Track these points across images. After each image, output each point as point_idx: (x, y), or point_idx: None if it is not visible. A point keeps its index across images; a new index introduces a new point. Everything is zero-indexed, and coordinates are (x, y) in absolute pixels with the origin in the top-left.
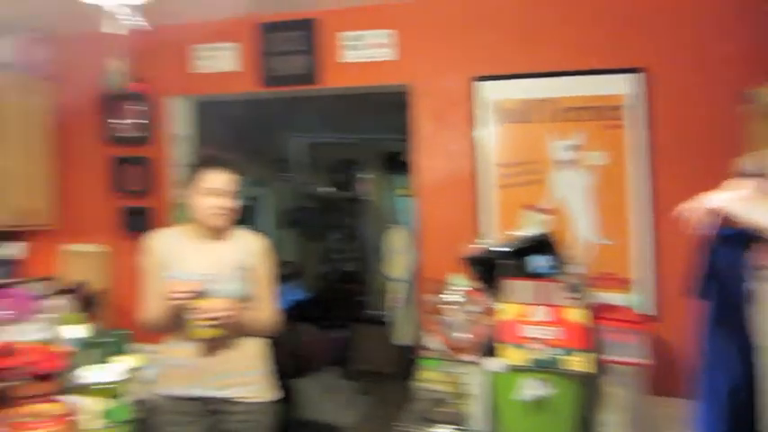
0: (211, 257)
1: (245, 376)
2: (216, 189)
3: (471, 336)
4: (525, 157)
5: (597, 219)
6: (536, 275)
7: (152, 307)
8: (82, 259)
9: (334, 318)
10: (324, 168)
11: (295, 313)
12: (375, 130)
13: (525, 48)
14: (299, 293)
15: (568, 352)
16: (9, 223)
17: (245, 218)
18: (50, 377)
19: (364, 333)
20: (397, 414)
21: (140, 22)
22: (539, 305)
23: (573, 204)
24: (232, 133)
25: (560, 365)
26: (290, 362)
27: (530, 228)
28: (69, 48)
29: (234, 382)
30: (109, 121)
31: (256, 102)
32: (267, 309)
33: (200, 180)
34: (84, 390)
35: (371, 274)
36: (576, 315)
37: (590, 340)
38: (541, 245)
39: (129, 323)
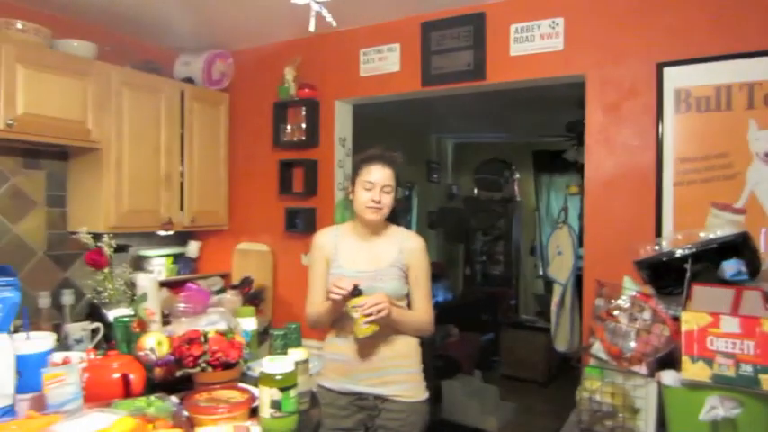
0: (370, 254)
1: (400, 374)
2: (372, 183)
3: (641, 345)
4: (716, 150)
5: None
6: (727, 282)
7: (315, 301)
8: (250, 257)
9: (479, 320)
10: (471, 169)
11: (439, 314)
12: (528, 129)
13: (719, 25)
14: (443, 295)
15: (763, 370)
16: (189, 224)
17: (391, 218)
18: (232, 365)
19: (512, 337)
20: (542, 422)
21: (329, 18)
22: (730, 315)
23: None
24: (381, 134)
25: (752, 384)
26: (434, 362)
27: (718, 228)
28: (245, 61)
29: (389, 379)
30: (278, 126)
31: (406, 103)
32: (423, 307)
33: (360, 174)
34: (255, 379)
35: (522, 277)
36: None
37: None
38: (735, 247)
39: (290, 317)
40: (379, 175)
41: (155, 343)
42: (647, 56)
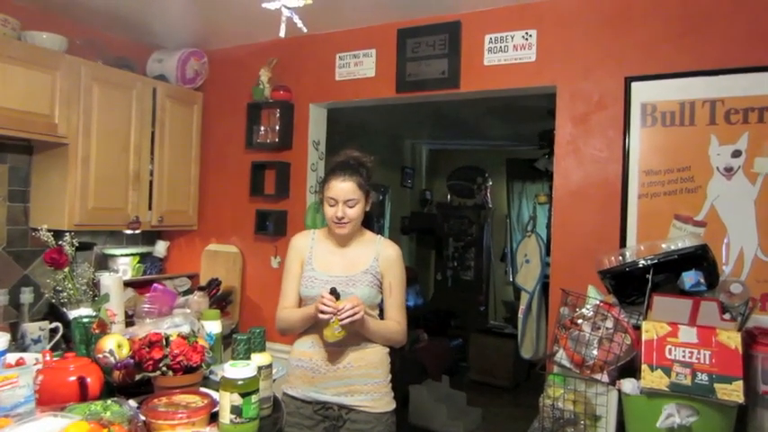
0: (345, 260)
1: (367, 384)
2: (335, 199)
3: (603, 353)
4: (679, 163)
5: (761, 233)
6: (686, 292)
7: (288, 305)
8: (219, 259)
9: (448, 326)
10: (445, 175)
11: (409, 319)
12: (501, 137)
13: (685, 43)
14: (413, 299)
15: (718, 379)
16: (157, 223)
17: (364, 223)
18: (194, 370)
19: (480, 343)
20: (507, 427)
21: (300, 24)
22: (688, 325)
23: (731, 216)
24: (356, 138)
25: (707, 393)
26: (402, 367)
27: (679, 240)
28: (220, 61)
29: (355, 389)
30: (251, 128)
31: (381, 108)
32: (395, 317)
33: (325, 189)
34: (218, 384)
35: (492, 283)
36: (730, 338)
37: (745, 368)
38: (695, 258)
39: (258, 320)
40: (339, 191)
41: (114, 345)
42: (616, 70)
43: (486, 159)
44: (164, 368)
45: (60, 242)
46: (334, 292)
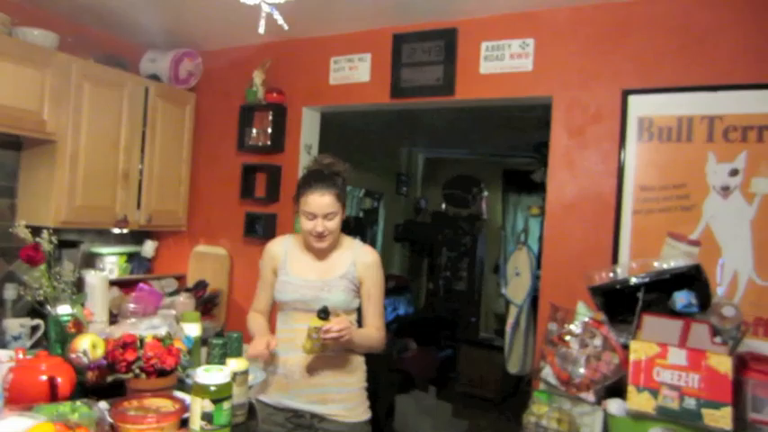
0: (321, 265)
1: (341, 392)
2: (313, 213)
3: (590, 372)
4: (675, 180)
5: (757, 255)
6: (677, 313)
7: (257, 308)
8: (207, 260)
9: (438, 336)
10: (441, 184)
11: (399, 327)
12: (498, 148)
13: (685, 57)
14: (404, 308)
15: (707, 404)
16: (146, 223)
17: (357, 229)
18: (168, 373)
19: (470, 354)
20: None
21: (281, 21)
22: (678, 347)
23: (727, 236)
24: (351, 143)
25: (695, 419)
26: (389, 376)
27: (672, 258)
28: (214, 62)
29: (329, 397)
30: (244, 130)
31: (377, 114)
32: (375, 324)
33: (301, 202)
34: (190, 389)
35: (484, 295)
36: (721, 363)
37: (734, 394)
38: (687, 278)
39: (243, 324)
40: (317, 206)
41: (89, 345)
42: (614, 82)
43: (483, 169)
44: (136, 370)
45: (37, 239)
46: (324, 312)
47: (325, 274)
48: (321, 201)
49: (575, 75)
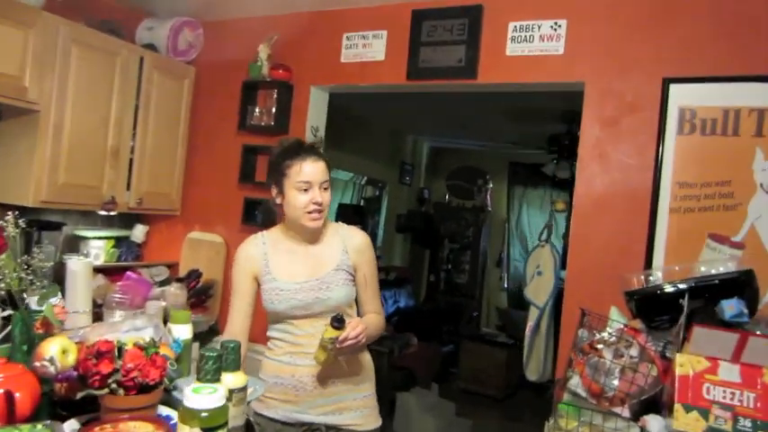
0: (310, 261)
1: (356, 400)
2: (309, 182)
3: (626, 384)
4: (718, 177)
5: None
6: (728, 324)
7: (234, 331)
8: (202, 248)
9: (440, 330)
10: (445, 174)
11: (399, 321)
12: (506, 139)
13: (734, 45)
14: (405, 300)
15: (764, 426)
16: (135, 205)
17: (358, 217)
18: (151, 388)
19: (472, 350)
20: None
21: None
22: (730, 362)
23: None
24: (354, 129)
25: None
26: (390, 374)
27: (713, 261)
28: (216, 33)
29: (344, 406)
30: (246, 108)
31: (383, 99)
32: (375, 308)
33: (289, 174)
34: (177, 404)
35: (486, 288)
36: None
37: None
38: (737, 285)
39: None
40: (313, 171)
41: (58, 351)
42: (654, 69)
43: (489, 161)
44: (113, 385)
45: (1, 221)
46: (339, 320)
47: (317, 271)
48: (317, 167)
49: (611, 60)
